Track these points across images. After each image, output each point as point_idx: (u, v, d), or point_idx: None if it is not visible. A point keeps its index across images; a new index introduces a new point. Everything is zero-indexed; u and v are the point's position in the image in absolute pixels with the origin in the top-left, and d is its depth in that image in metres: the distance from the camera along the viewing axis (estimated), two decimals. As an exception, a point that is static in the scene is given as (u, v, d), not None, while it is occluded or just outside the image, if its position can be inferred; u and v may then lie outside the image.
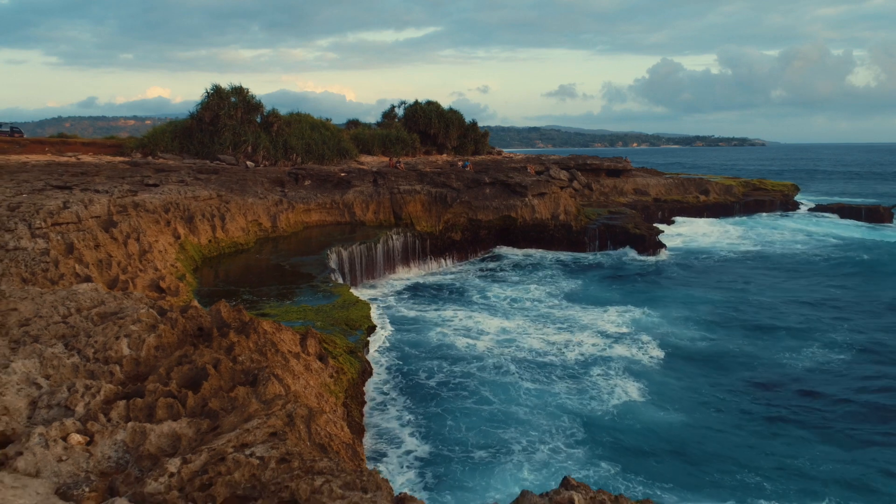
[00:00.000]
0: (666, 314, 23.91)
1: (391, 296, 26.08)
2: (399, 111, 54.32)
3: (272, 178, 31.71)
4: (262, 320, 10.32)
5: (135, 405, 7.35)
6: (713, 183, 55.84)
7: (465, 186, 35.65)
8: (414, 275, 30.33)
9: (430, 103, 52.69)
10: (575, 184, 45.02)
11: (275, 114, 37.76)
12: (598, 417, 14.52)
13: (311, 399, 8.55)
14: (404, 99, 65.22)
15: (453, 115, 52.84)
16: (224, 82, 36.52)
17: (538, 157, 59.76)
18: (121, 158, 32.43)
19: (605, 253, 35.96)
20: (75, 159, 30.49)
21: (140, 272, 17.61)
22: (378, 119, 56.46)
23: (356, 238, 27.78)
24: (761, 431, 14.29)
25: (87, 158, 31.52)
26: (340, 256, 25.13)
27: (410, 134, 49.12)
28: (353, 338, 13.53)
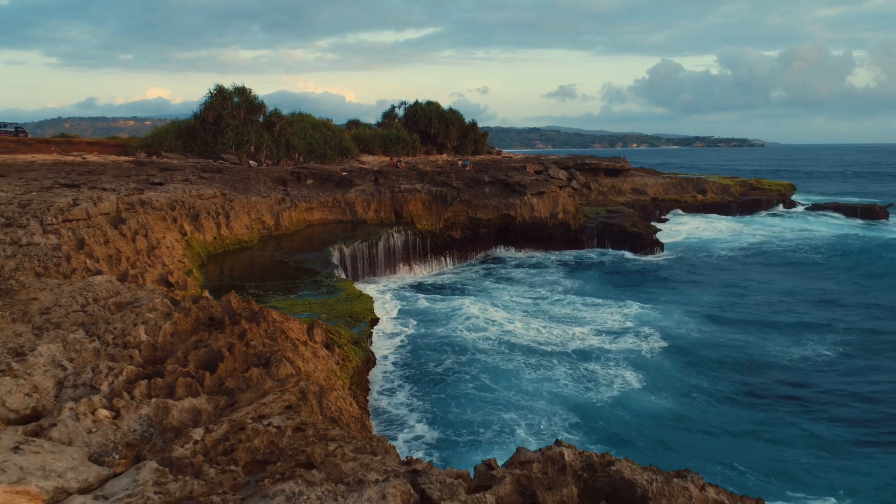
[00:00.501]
0: (663, 309, 24.36)
1: (391, 292, 26.53)
2: (399, 111, 54.84)
3: (275, 177, 32.19)
4: (271, 310, 10.78)
5: (156, 384, 7.82)
6: (710, 182, 56.33)
7: (465, 185, 36.12)
8: (415, 272, 30.79)
9: (430, 104, 53.18)
10: (574, 183, 45.49)
11: (277, 114, 38.23)
12: (597, 403, 15.06)
13: (320, 380, 9.00)
14: (404, 99, 65.76)
15: (453, 116, 53.32)
16: (224, 83, 36.97)
17: (537, 156, 60.22)
18: (125, 158, 32.89)
19: (604, 251, 36.44)
20: (81, 159, 30.95)
21: (149, 267, 18.07)
22: (378, 120, 56.97)
23: (358, 236, 28.24)
24: (749, 421, 14.77)
25: (92, 158, 31.98)
26: (343, 253, 25.59)
27: (411, 134, 49.58)
28: (356, 329, 13.99)
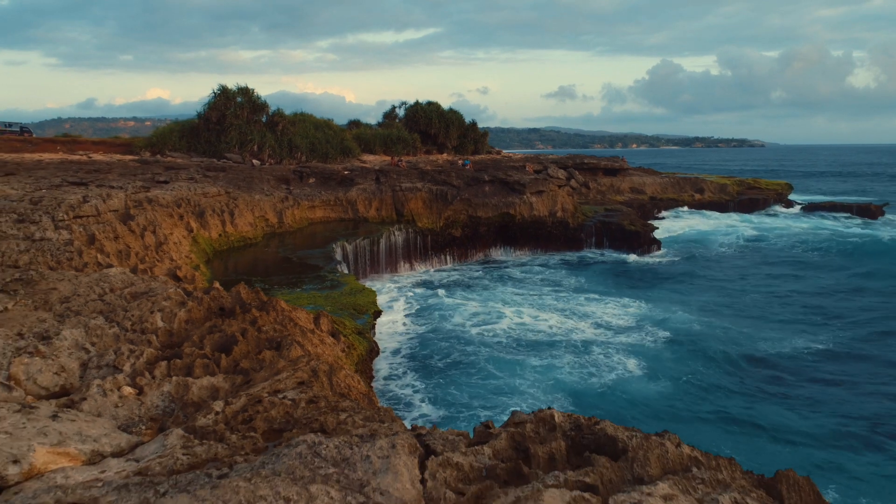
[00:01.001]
0: (661, 304, 24.90)
1: (394, 288, 27.04)
2: (400, 111, 55.34)
3: (278, 175, 32.69)
4: (280, 299, 11.29)
5: (175, 365, 8.32)
6: (708, 182, 56.84)
7: (465, 184, 36.61)
8: (416, 270, 31.30)
9: (430, 104, 53.68)
10: (572, 182, 45.98)
11: (280, 113, 38.72)
12: (597, 388, 15.75)
13: (329, 361, 9.49)
14: (404, 100, 66.30)
15: (453, 116, 53.83)
16: (223, 84, 37.44)
17: (536, 156, 60.73)
18: (130, 157, 33.39)
19: (603, 249, 36.95)
20: (87, 158, 31.45)
21: (157, 262, 18.56)
22: (378, 120, 57.46)
23: (360, 234, 28.73)
24: (740, 407, 15.36)
25: (98, 157, 32.48)
26: (345, 250, 26.09)
27: (411, 134, 50.07)
28: (360, 321, 14.50)
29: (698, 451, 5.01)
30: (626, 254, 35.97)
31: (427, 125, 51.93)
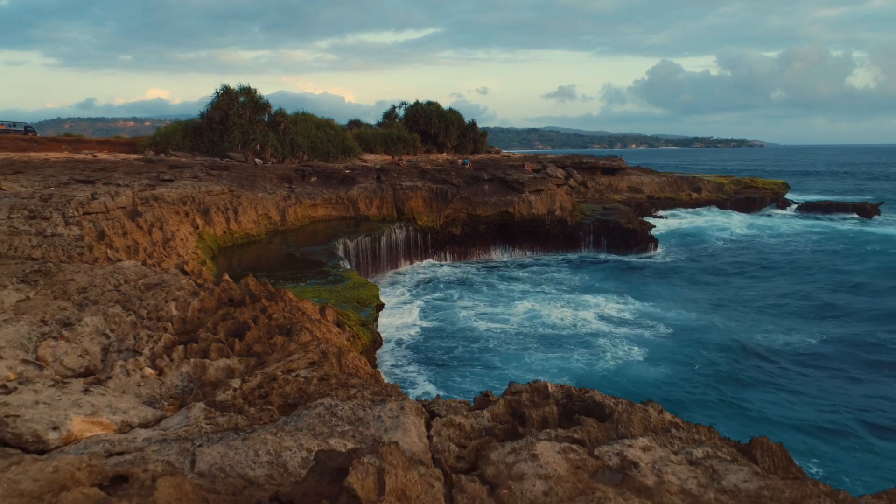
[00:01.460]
0: (659, 300, 25.48)
1: (397, 285, 27.54)
2: (400, 111, 55.83)
3: (280, 174, 33.16)
4: (287, 290, 11.77)
5: (191, 349, 8.80)
6: (705, 181, 57.35)
7: (464, 183, 37.10)
8: (417, 267, 31.78)
9: (430, 104, 54.17)
10: (571, 181, 46.47)
11: (282, 113, 39.19)
12: (600, 372, 16.45)
13: (338, 344, 9.95)
14: (404, 100, 66.80)
15: (453, 115, 54.32)
16: (223, 84, 37.93)
17: (535, 155, 61.21)
18: (135, 156, 33.87)
19: (600, 247, 37.44)
20: (92, 156, 31.91)
21: (165, 258, 19.05)
22: (378, 120, 57.95)
23: (361, 231, 29.21)
24: (734, 392, 16.12)
25: (102, 156, 32.95)
26: (347, 247, 26.57)
27: (411, 133, 50.55)
28: (364, 313, 14.97)
29: (679, 419, 5.49)
30: (624, 252, 36.46)
31: (427, 125, 52.42)
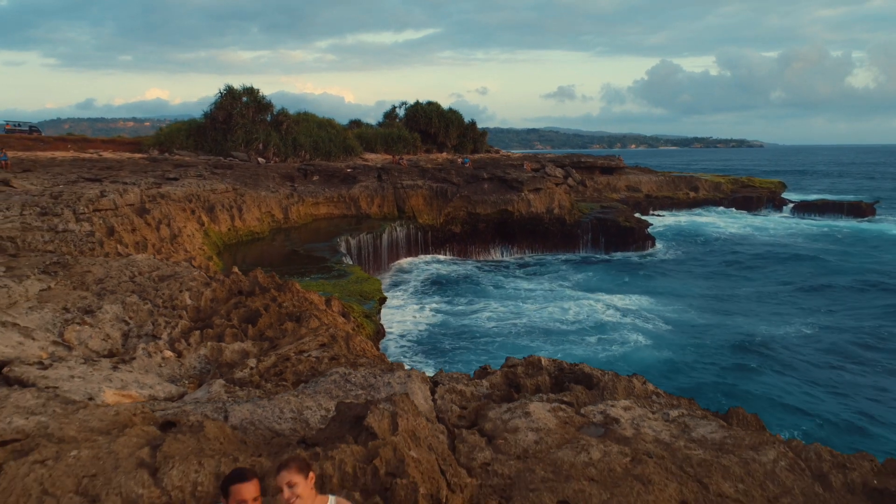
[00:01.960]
0: (658, 295, 26.18)
1: (398, 281, 28.04)
2: (400, 111, 56.32)
3: (283, 173, 33.66)
4: (295, 282, 12.27)
5: (207, 334, 9.31)
6: (703, 180, 57.83)
7: (464, 182, 37.59)
8: (418, 264, 32.28)
9: (430, 104, 54.68)
10: (570, 180, 46.96)
11: (284, 113, 39.67)
12: (607, 357, 17.04)
13: (345, 330, 10.46)
14: (404, 100, 67.29)
15: (453, 115, 54.82)
16: (223, 84, 38.47)
17: (534, 155, 61.69)
18: (140, 155, 34.37)
19: (598, 245, 37.93)
20: (98, 156, 32.41)
21: (173, 253, 19.52)
22: (378, 120, 58.48)
23: (362, 229, 29.70)
24: (734, 373, 16.95)
25: (107, 155, 33.45)
26: (349, 244, 27.07)
27: (411, 133, 51.04)
28: (367, 305, 15.47)
29: (662, 390, 6.00)
30: (622, 249, 36.96)
31: (427, 125, 52.92)
